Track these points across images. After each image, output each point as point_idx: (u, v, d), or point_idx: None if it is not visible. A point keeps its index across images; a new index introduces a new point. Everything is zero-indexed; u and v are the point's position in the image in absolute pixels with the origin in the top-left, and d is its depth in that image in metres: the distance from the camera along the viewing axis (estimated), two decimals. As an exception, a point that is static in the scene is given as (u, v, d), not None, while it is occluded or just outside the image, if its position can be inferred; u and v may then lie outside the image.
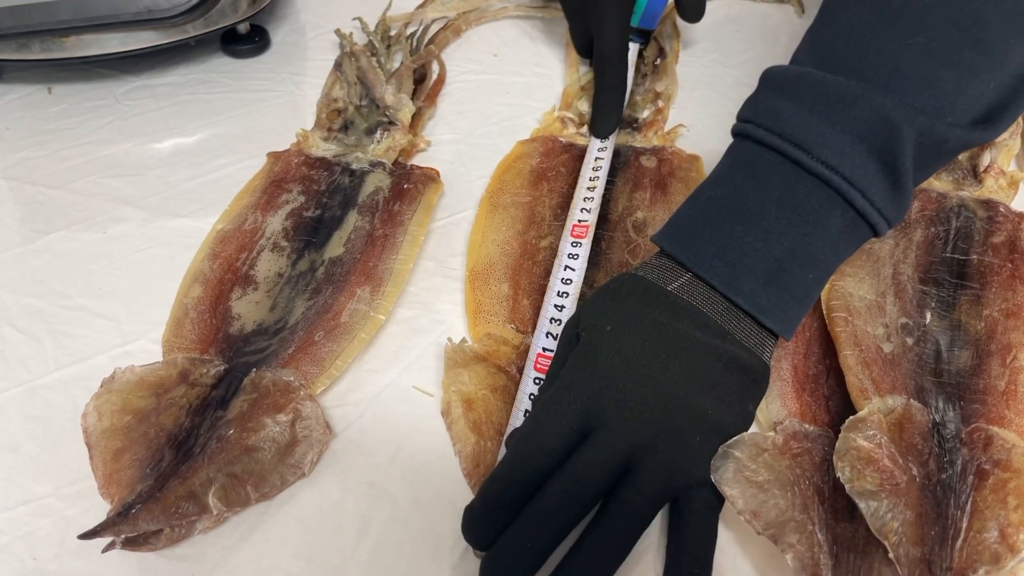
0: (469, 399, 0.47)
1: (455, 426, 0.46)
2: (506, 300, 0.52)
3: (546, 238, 0.56)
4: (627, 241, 0.55)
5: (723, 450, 0.42)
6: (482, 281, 0.53)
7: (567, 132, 0.64)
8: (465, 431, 0.46)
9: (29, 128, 0.67)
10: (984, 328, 0.47)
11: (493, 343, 0.50)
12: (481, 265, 0.54)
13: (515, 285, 0.53)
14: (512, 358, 0.49)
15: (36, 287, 0.55)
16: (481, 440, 0.45)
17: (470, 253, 0.56)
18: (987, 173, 0.56)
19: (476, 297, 0.53)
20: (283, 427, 0.45)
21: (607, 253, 0.55)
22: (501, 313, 0.52)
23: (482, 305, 0.52)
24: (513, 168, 0.61)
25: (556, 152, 0.62)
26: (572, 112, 0.65)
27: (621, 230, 0.56)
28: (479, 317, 0.52)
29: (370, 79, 0.66)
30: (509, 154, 0.63)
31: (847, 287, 0.49)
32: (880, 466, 0.40)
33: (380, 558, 0.42)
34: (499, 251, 0.55)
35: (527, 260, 0.54)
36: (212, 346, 0.50)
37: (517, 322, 0.51)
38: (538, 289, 0.52)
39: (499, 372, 0.49)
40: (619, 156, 0.61)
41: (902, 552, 0.38)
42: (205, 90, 0.70)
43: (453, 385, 0.48)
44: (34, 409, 0.49)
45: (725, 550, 0.42)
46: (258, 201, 0.58)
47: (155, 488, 0.42)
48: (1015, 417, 0.44)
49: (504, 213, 0.58)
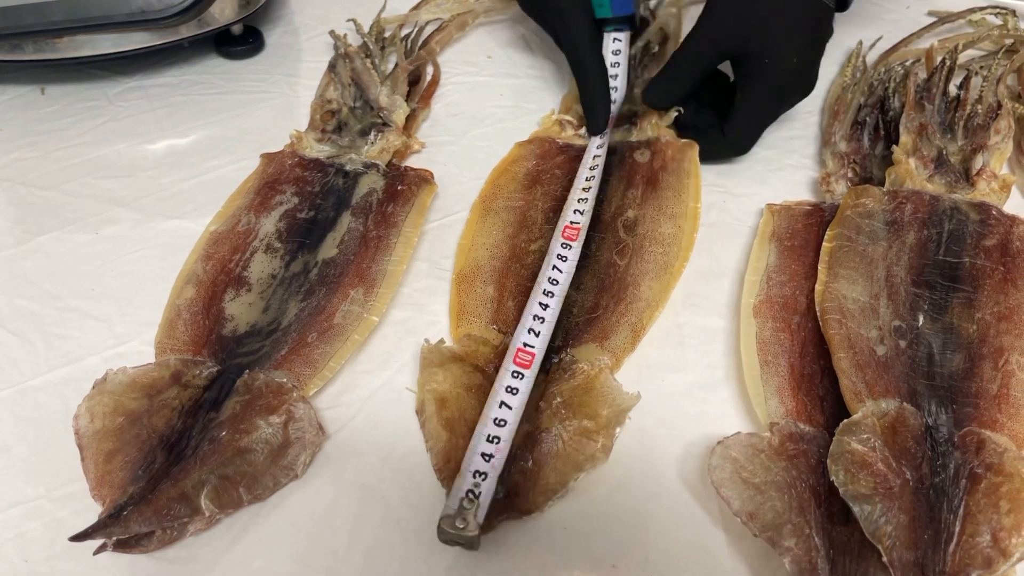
0: (443, 397, 0.47)
1: (428, 423, 0.47)
2: (491, 302, 0.52)
3: (536, 242, 0.56)
4: (616, 241, 0.55)
5: (720, 450, 0.42)
6: (468, 284, 0.54)
7: (565, 134, 0.64)
8: (437, 428, 0.46)
9: (22, 129, 0.67)
10: (976, 331, 0.47)
11: (472, 343, 0.50)
12: (468, 268, 0.54)
13: (501, 287, 0.53)
14: (490, 358, 0.49)
15: (28, 288, 0.55)
16: (453, 437, 0.46)
17: (458, 257, 0.56)
18: (980, 176, 0.56)
19: (461, 299, 0.53)
20: (276, 429, 0.45)
21: (596, 254, 0.55)
22: (484, 314, 0.52)
23: (466, 307, 0.52)
24: (508, 172, 0.61)
25: (552, 154, 0.62)
26: (571, 115, 0.65)
27: (611, 231, 0.56)
28: (462, 319, 0.52)
29: (364, 81, 0.66)
30: (506, 157, 0.62)
31: (841, 289, 0.49)
32: (874, 470, 0.40)
33: (373, 560, 0.42)
34: (487, 255, 0.55)
35: (515, 263, 0.54)
36: (205, 347, 0.49)
37: (499, 323, 0.51)
38: (524, 291, 0.52)
39: (475, 371, 0.49)
40: (615, 153, 0.61)
41: (896, 556, 0.38)
42: (199, 91, 0.70)
43: (428, 384, 0.48)
44: (25, 411, 0.48)
45: (720, 552, 0.42)
46: (251, 202, 0.58)
47: (147, 490, 0.42)
48: (1007, 421, 0.44)
49: (496, 218, 0.58)
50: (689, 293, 0.54)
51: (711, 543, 0.43)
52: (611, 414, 0.46)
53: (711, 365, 0.51)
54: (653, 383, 0.49)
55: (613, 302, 0.52)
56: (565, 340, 0.50)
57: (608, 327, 0.51)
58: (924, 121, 0.59)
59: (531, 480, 0.44)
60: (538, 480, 0.44)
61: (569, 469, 0.44)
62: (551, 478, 0.44)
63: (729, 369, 0.50)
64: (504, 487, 0.43)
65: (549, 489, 0.44)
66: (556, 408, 0.46)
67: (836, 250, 0.52)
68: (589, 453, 0.45)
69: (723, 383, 0.50)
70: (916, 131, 0.59)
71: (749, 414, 0.48)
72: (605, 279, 0.53)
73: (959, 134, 0.58)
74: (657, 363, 0.51)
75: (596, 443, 0.45)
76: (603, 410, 0.46)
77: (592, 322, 0.51)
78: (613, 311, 0.51)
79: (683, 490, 0.45)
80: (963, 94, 0.60)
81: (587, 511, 0.44)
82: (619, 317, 0.51)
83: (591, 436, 0.45)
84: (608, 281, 0.53)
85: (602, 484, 0.45)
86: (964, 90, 0.60)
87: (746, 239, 0.57)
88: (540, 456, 0.45)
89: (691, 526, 0.44)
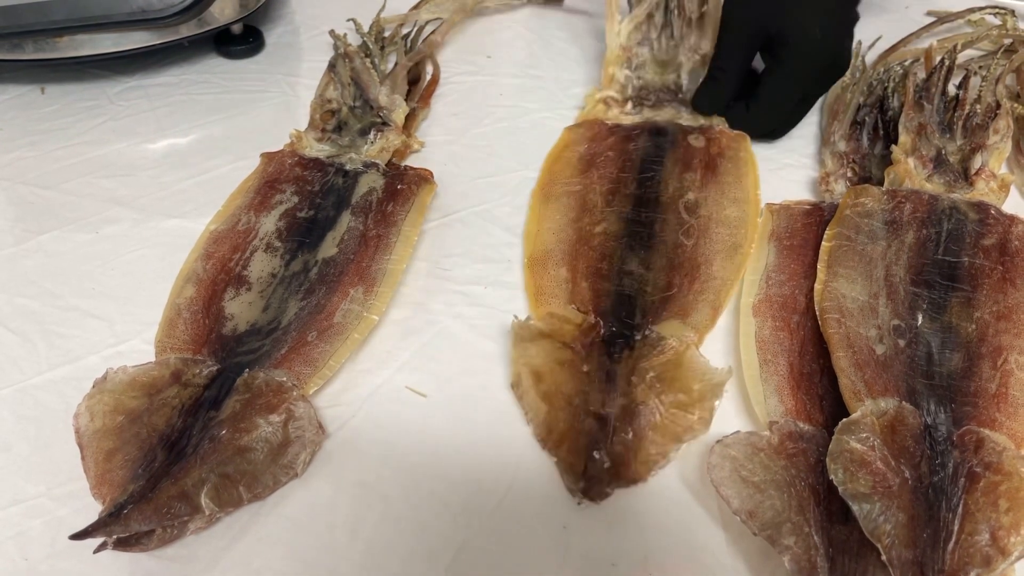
0: (538, 371, 0.48)
1: (526, 396, 0.48)
2: (565, 283, 0.53)
3: (600, 224, 0.56)
4: (680, 223, 0.56)
5: (720, 449, 0.42)
6: (540, 267, 0.54)
7: (611, 114, 0.64)
8: (536, 401, 0.47)
9: (22, 128, 0.67)
10: (975, 330, 0.48)
11: (557, 321, 0.51)
12: (538, 252, 0.55)
13: (573, 269, 0.54)
14: (575, 335, 0.50)
15: (28, 287, 0.55)
16: (552, 410, 0.47)
17: (527, 242, 0.57)
18: (978, 176, 0.56)
19: (536, 282, 0.54)
20: (276, 427, 0.45)
21: (661, 235, 0.55)
22: (561, 295, 0.53)
23: (542, 288, 0.53)
24: (562, 158, 0.62)
25: (603, 136, 0.63)
26: (614, 87, 0.65)
27: (673, 212, 0.57)
28: (540, 299, 0.53)
29: (364, 80, 0.66)
30: (557, 143, 0.63)
31: (840, 288, 0.49)
32: (873, 468, 0.40)
33: (373, 559, 0.42)
34: (554, 239, 0.56)
35: (583, 245, 0.55)
36: (205, 346, 0.49)
37: (577, 303, 0.52)
38: (595, 272, 0.53)
39: (564, 347, 0.49)
40: (666, 135, 0.62)
41: (895, 554, 0.38)
42: (198, 91, 0.70)
43: (522, 358, 0.49)
44: (26, 409, 0.48)
45: (719, 551, 0.43)
46: (251, 201, 0.58)
47: (147, 488, 0.42)
48: (1006, 420, 0.44)
49: (556, 203, 0.58)
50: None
51: (710, 542, 0.43)
52: (704, 388, 0.47)
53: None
54: (652, 382, 0.49)
55: (687, 281, 0.53)
56: (644, 318, 0.51)
57: (687, 304, 0.51)
58: (923, 121, 0.59)
59: (633, 451, 0.45)
60: (639, 451, 0.45)
61: (668, 440, 0.45)
62: (652, 449, 0.45)
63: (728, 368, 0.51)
64: (610, 458, 0.44)
65: (650, 460, 0.45)
66: (650, 382, 0.47)
67: (835, 249, 0.52)
68: (687, 425, 0.45)
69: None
70: (915, 131, 0.59)
71: (748, 413, 0.48)
72: (674, 259, 0.54)
73: (958, 134, 0.59)
74: (656, 362, 0.51)
75: (693, 416, 0.46)
76: (695, 384, 0.47)
77: (669, 300, 0.52)
78: (689, 289, 0.52)
79: (682, 488, 0.45)
80: (962, 94, 0.60)
81: (586, 510, 0.44)
82: (696, 295, 0.52)
83: (687, 409, 0.46)
84: (678, 261, 0.54)
85: (601, 483, 0.45)
86: (963, 90, 0.60)
87: (745, 238, 0.57)
88: (639, 428, 0.45)
89: (690, 525, 0.44)
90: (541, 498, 0.45)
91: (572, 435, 0.46)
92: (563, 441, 0.45)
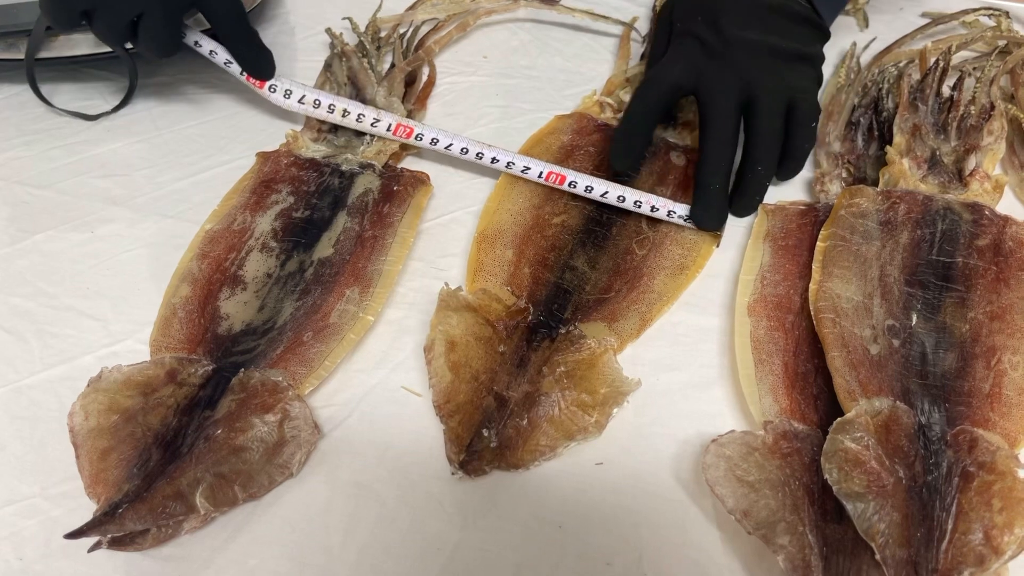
0: (453, 341, 0.49)
1: (435, 362, 0.48)
2: (508, 264, 0.54)
3: (560, 215, 0.57)
4: (638, 231, 0.57)
5: (715, 449, 0.42)
6: (488, 244, 0.55)
7: (604, 115, 0.65)
8: (443, 368, 0.48)
9: (17, 128, 0.66)
10: (969, 331, 0.48)
11: (487, 298, 0.51)
12: (490, 230, 0.56)
13: (519, 253, 0.54)
14: (501, 315, 0.51)
15: (23, 287, 0.55)
16: (456, 381, 0.47)
17: (482, 217, 0.57)
18: (972, 177, 0.56)
19: (480, 257, 0.54)
20: (271, 427, 0.45)
21: (616, 238, 0.56)
22: (500, 275, 0.53)
23: (483, 265, 0.54)
24: (543, 143, 0.62)
25: (588, 131, 0.63)
26: (612, 99, 0.66)
27: (634, 220, 0.57)
28: (478, 275, 0.53)
29: (361, 80, 0.66)
30: (543, 128, 0.64)
31: (835, 288, 0.49)
32: (867, 468, 0.41)
33: (368, 558, 0.42)
34: (510, 220, 0.57)
35: (536, 233, 0.56)
36: (200, 346, 0.49)
37: (513, 286, 0.52)
38: (541, 261, 0.54)
39: (486, 324, 0.50)
40: (650, 144, 0.62)
41: (889, 554, 0.38)
42: (194, 90, 0.70)
43: (441, 324, 0.49)
44: (20, 409, 0.48)
45: (713, 550, 0.43)
46: (247, 201, 0.58)
47: (142, 488, 0.42)
48: (999, 419, 0.44)
49: (524, 186, 0.59)
50: (684, 292, 0.54)
51: (705, 541, 0.43)
52: (609, 393, 0.47)
53: (705, 364, 0.51)
54: (648, 382, 0.49)
55: (626, 288, 0.53)
56: (574, 314, 0.51)
57: (618, 310, 0.52)
58: (918, 122, 0.59)
59: (523, 437, 0.46)
60: (529, 439, 0.46)
61: (560, 436, 0.46)
62: (541, 440, 0.46)
63: (723, 368, 0.51)
64: (498, 438, 0.45)
65: (537, 450, 0.45)
66: (559, 376, 0.48)
67: (830, 249, 0.52)
68: (582, 425, 0.46)
69: (717, 382, 0.50)
70: (910, 132, 0.59)
71: (743, 413, 0.48)
72: (621, 264, 0.54)
73: (952, 135, 0.59)
74: (652, 362, 0.51)
75: (591, 417, 0.46)
76: (602, 388, 0.47)
77: (603, 303, 0.52)
78: (625, 296, 0.53)
79: (677, 488, 0.45)
80: (956, 95, 0.60)
81: (581, 509, 0.44)
82: (630, 303, 0.52)
83: (587, 410, 0.47)
84: (624, 267, 0.54)
85: (596, 482, 0.45)
86: (957, 91, 0.60)
87: (741, 239, 0.58)
88: (535, 417, 0.46)
89: (685, 524, 0.44)
90: (537, 498, 0.45)
91: (468, 408, 0.46)
92: (458, 412, 0.46)
